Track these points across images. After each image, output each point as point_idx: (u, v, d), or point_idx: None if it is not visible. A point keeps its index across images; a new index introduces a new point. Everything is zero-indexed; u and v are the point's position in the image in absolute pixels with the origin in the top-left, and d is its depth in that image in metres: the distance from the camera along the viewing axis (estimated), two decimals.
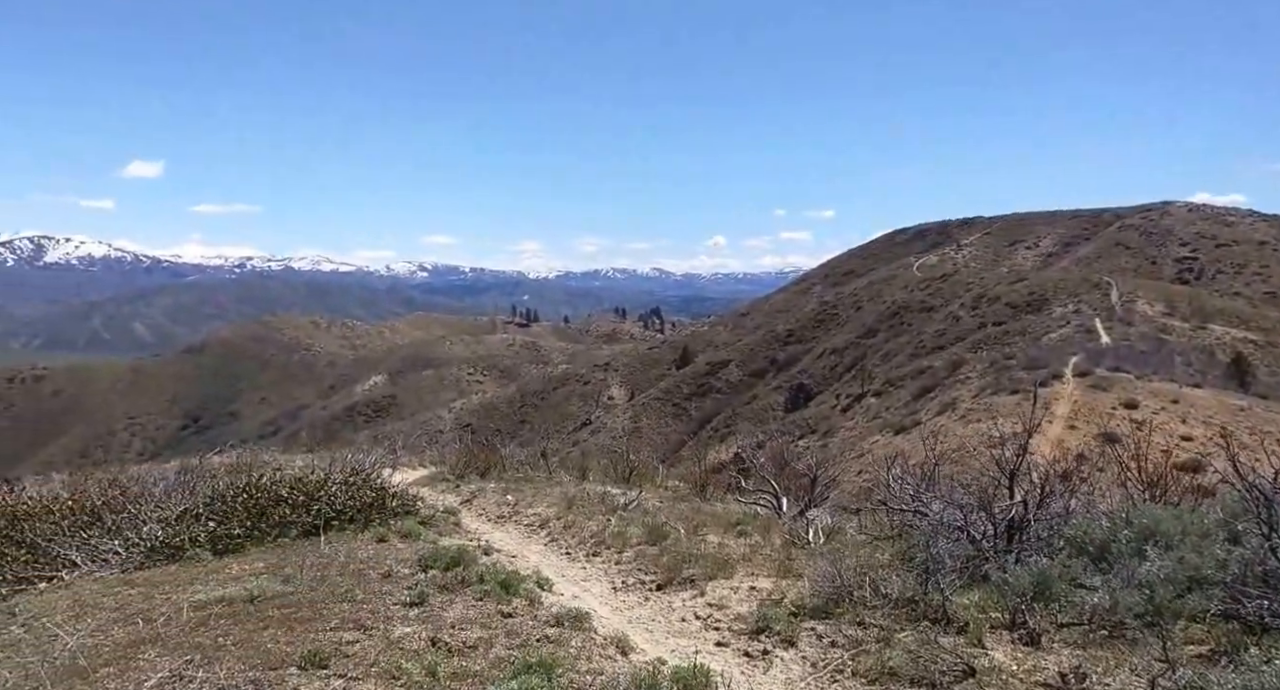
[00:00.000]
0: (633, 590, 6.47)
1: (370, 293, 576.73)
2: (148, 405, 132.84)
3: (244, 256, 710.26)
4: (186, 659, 4.20)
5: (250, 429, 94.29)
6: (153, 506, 9.34)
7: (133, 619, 5.46)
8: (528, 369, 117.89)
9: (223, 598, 5.71)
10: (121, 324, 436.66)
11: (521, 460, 16.01)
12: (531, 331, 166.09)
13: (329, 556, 7.05)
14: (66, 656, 4.61)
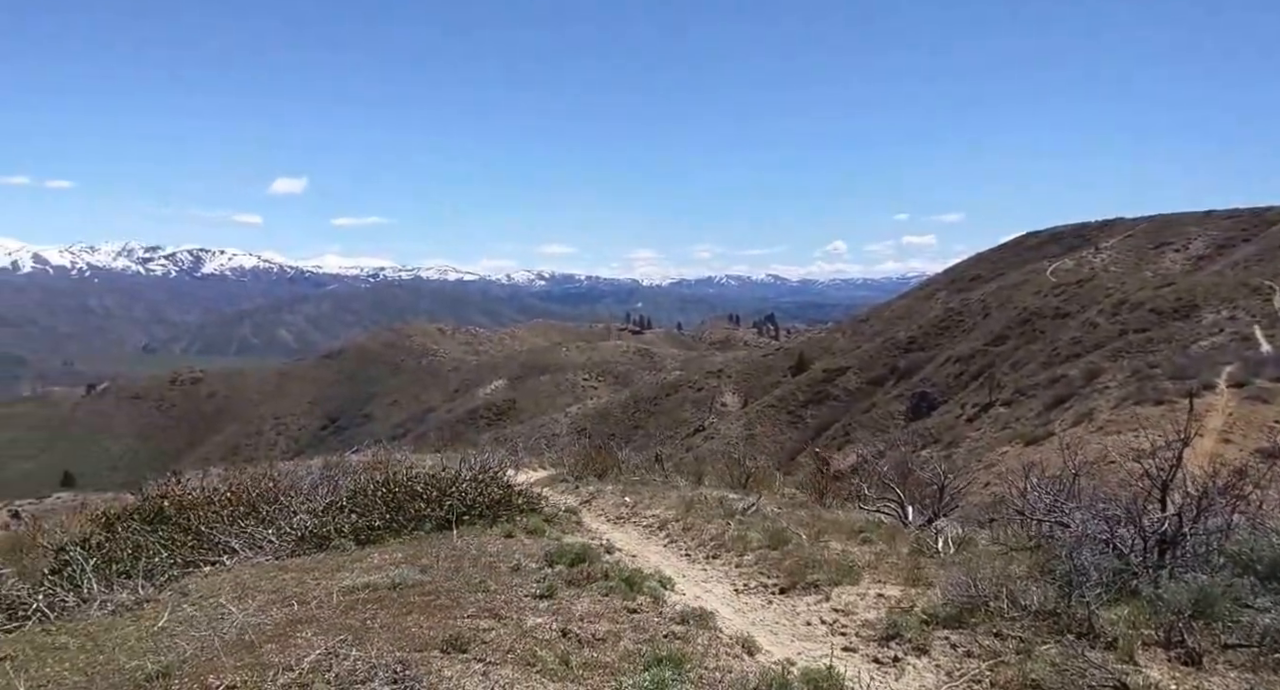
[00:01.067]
0: (755, 593, 6.47)
1: (492, 301, 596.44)
2: (291, 406, 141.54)
3: (378, 267, 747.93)
4: (340, 638, 4.51)
5: (382, 430, 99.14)
6: (301, 499, 9.98)
7: (289, 601, 5.88)
8: (641, 375, 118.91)
9: (368, 584, 6.08)
10: (268, 331, 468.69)
11: (637, 464, 16.21)
12: (645, 338, 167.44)
13: (461, 549, 7.37)
14: (234, 632, 5.02)
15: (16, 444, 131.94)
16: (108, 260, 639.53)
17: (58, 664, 4.90)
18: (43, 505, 61.59)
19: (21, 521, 54.29)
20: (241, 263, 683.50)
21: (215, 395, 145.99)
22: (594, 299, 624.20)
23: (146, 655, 4.74)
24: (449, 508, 8.94)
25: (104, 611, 6.42)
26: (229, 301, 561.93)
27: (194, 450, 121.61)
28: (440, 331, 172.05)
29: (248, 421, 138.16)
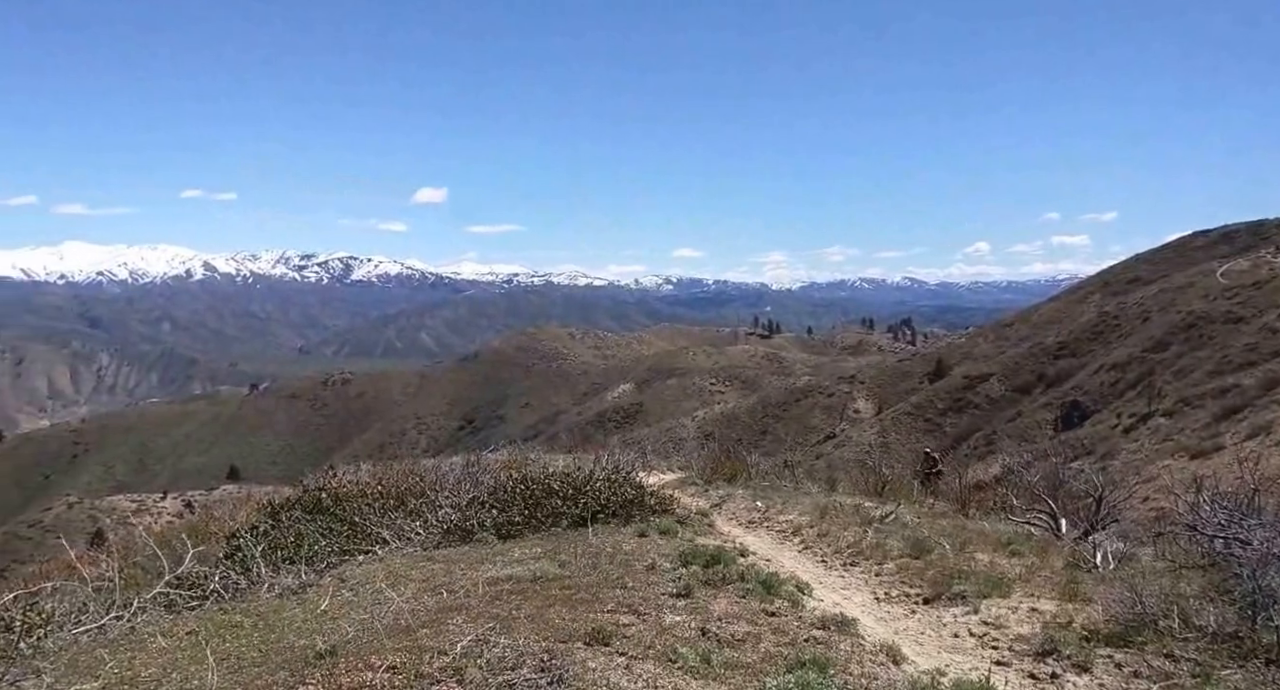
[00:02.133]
0: (897, 602, 6.30)
1: (620, 305, 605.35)
2: (431, 407, 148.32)
3: (512, 273, 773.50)
4: (489, 627, 4.71)
5: (515, 430, 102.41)
6: (446, 494, 10.47)
7: (438, 590, 6.18)
8: (769, 380, 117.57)
9: (511, 576, 6.32)
10: (411, 334, 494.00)
11: (766, 469, 16.07)
12: (773, 343, 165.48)
13: (597, 547, 7.53)
14: (391, 617, 5.33)
15: (190, 439, 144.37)
16: (268, 268, 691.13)
17: (235, 640, 5.35)
18: (211, 496, 67.33)
19: (194, 510, 59.25)
20: (387, 269, 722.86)
21: (363, 395, 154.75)
22: (721, 303, 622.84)
23: (313, 635, 5.10)
24: (584, 506, 9.16)
25: (272, 594, 6.93)
26: (375, 306, 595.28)
27: (344, 447, 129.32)
28: (570, 336, 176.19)
29: (392, 420, 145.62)
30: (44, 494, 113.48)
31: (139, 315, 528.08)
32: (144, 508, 76.12)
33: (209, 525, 12.94)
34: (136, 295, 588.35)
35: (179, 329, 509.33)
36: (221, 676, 4.31)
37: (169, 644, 5.35)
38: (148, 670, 4.72)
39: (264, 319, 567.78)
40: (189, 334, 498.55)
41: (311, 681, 3.95)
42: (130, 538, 26.37)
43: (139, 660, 4.97)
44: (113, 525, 64.16)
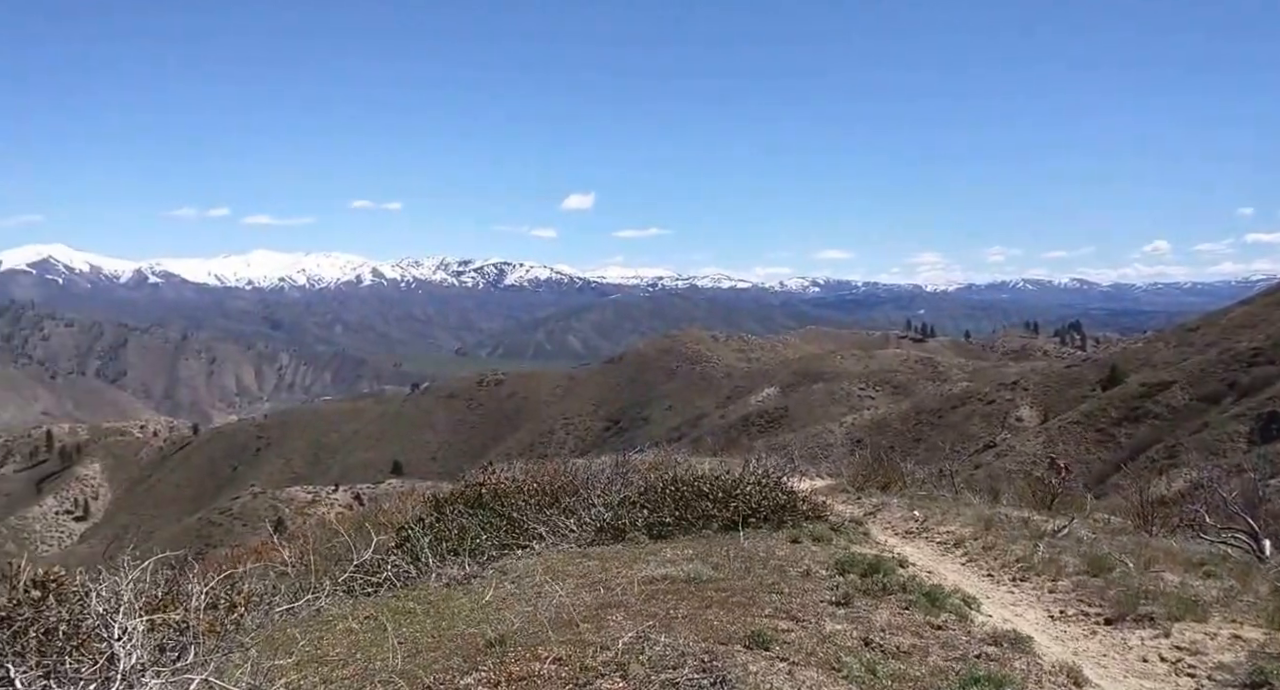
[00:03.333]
0: (1074, 622, 5.88)
1: (764, 308, 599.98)
2: (578, 408, 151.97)
3: (656, 276, 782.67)
4: (648, 624, 4.77)
5: (659, 433, 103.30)
6: (599, 493, 10.70)
7: (595, 586, 6.32)
8: (923, 386, 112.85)
9: (665, 576, 6.37)
10: (559, 337, 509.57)
11: (922, 478, 15.46)
12: (927, 347, 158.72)
13: (749, 551, 7.47)
14: (552, 610, 5.50)
15: (358, 435, 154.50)
16: (429, 273, 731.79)
17: (410, 625, 5.68)
18: (378, 489, 71.74)
19: (362, 502, 63.12)
20: (537, 274, 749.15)
21: (514, 396, 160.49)
22: (871, 306, 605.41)
23: (481, 624, 5.34)
24: (734, 509, 9.12)
25: (440, 583, 7.31)
26: (526, 310, 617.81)
27: (497, 445, 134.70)
28: (714, 339, 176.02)
29: (541, 420, 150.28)
30: (232, 484, 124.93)
31: (315, 318, 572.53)
32: (318, 499, 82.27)
33: (378, 517, 13.83)
34: (313, 300, 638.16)
35: (350, 331, 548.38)
36: (401, 658, 4.58)
37: (352, 626, 5.75)
38: (335, 650, 5.10)
39: (425, 322, 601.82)
40: (358, 336, 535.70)
41: (484, 668, 4.14)
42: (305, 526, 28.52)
43: (326, 640, 5.37)
44: (291, 514, 69.77)
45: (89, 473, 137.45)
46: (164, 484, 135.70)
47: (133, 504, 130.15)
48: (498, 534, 9.45)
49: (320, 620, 6.10)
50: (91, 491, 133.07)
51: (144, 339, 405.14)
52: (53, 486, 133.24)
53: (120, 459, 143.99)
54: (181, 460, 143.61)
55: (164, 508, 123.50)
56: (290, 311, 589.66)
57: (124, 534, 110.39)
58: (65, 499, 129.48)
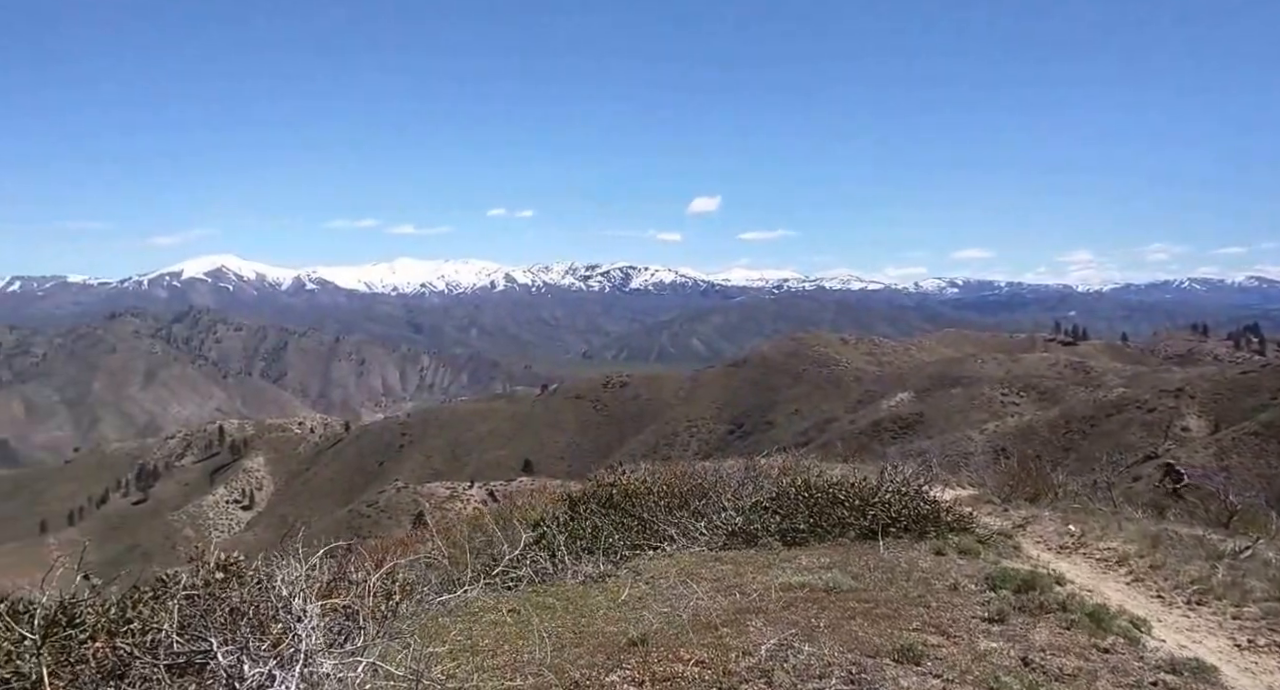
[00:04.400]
0: (1267, 652, 5.34)
1: (897, 309, 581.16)
2: (701, 411, 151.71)
3: (782, 278, 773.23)
4: (790, 632, 4.70)
5: (784, 437, 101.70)
6: (728, 496, 10.63)
7: (731, 590, 6.29)
8: (1073, 392, 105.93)
9: (803, 584, 6.26)
10: (683, 340, 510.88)
11: (1075, 490, 14.49)
12: (1078, 350, 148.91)
13: (889, 561, 7.24)
14: (690, 613, 5.50)
15: (492, 435, 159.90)
16: (558, 278, 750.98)
17: (551, 620, 5.82)
18: (510, 486, 74.07)
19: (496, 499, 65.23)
20: (662, 278, 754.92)
21: (638, 398, 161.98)
22: (1015, 307, 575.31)
23: (620, 623, 5.41)
24: (872, 518, 8.85)
25: (576, 580, 7.46)
26: (651, 313, 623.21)
27: (621, 446, 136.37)
28: (842, 341, 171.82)
29: (665, 422, 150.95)
30: (379, 478, 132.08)
31: (453, 322, 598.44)
32: (455, 494, 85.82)
33: (513, 513, 14.26)
34: (451, 304, 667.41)
35: (484, 334, 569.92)
36: (546, 652, 4.71)
37: (497, 618, 5.95)
38: (484, 640, 5.29)
39: (553, 325, 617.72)
40: (492, 338, 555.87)
41: (627, 667, 4.19)
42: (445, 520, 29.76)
43: (475, 631, 5.59)
44: (431, 509, 73.06)
45: (254, 465, 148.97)
46: (319, 477, 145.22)
47: (291, 495, 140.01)
48: (629, 534, 9.54)
49: (467, 611, 6.35)
50: (256, 483, 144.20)
51: (302, 342, 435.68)
52: (224, 477, 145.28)
53: (281, 453, 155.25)
54: (334, 455, 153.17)
55: (318, 499, 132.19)
56: (431, 316, 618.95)
57: (284, 523, 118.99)
58: (234, 489, 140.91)
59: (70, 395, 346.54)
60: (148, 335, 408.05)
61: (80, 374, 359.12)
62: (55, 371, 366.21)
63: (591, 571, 7.77)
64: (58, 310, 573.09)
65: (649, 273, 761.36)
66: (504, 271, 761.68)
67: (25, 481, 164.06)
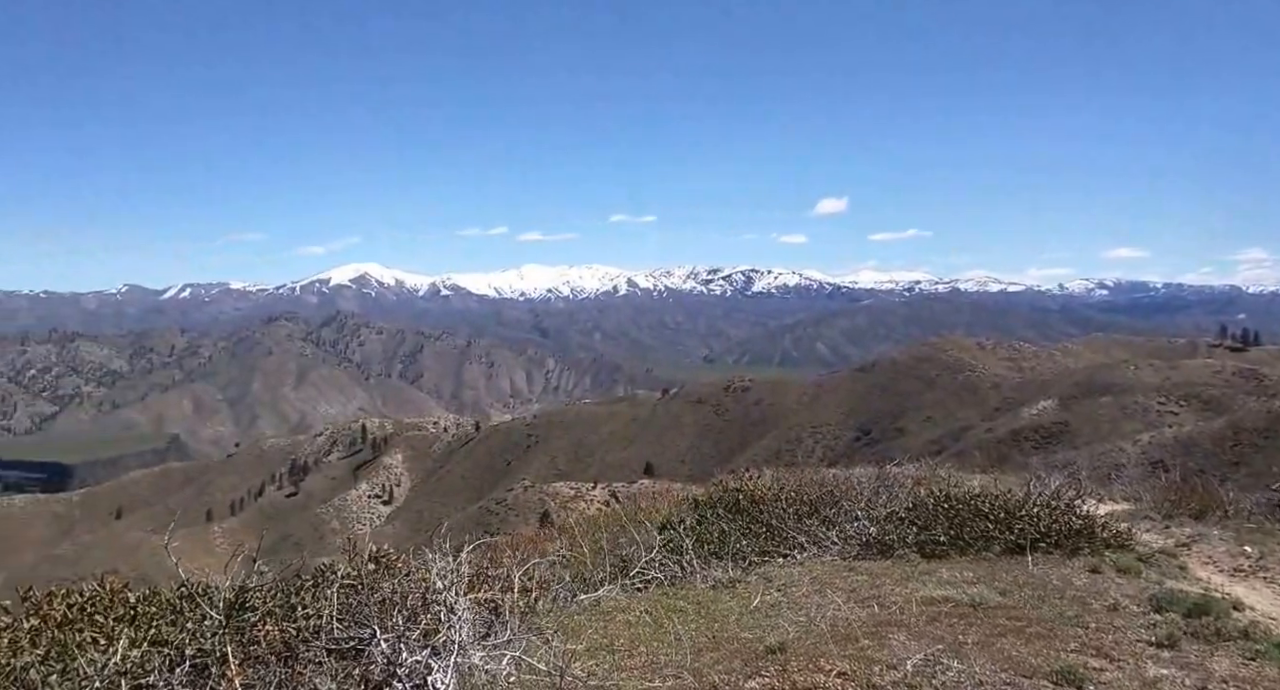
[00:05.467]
0: None
1: (1039, 313, 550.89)
2: (826, 417, 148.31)
3: (913, 280, 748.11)
4: (936, 648, 4.50)
5: (915, 445, 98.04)
6: (862, 505, 10.33)
7: (868, 602, 6.09)
8: (1243, 401, 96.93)
9: (946, 598, 5.99)
10: (807, 344, 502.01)
11: (1248, 507, 13.24)
12: (1249, 356, 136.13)
13: (1039, 578, 6.85)
14: (827, 623, 5.37)
15: (613, 436, 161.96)
16: (679, 282, 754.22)
17: (684, 623, 5.81)
18: (631, 488, 74.66)
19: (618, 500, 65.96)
20: (785, 281, 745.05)
21: (760, 403, 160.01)
22: (1174, 310, 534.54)
23: (755, 629, 5.34)
24: (1019, 532, 8.40)
25: (705, 584, 7.43)
26: (774, 316, 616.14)
27: (743, 451, 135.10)
28: (979, 346, 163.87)
29: (788, 428, 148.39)
30: (506, 477, 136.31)
31: (577, 326, 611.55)
32: (579, 495, 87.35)
33: (637, 515, 14.37)
34: (575, 309, 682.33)
35: (607, 338, 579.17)
36: (682, 655, 4.71)
37: (630, 618, 6.00)
38: (619, 640, 5.35)
39: (674, 329, 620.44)
40: (614, 343, 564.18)
41: (766, 674, 4.13)
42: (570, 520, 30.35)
43: (610, 630, 5.65)
44: (556, 508, 74.77)
45: (393, 462, 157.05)
46: (451, 475, 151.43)
47: (427, 491, 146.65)
48: (757, 540, 9.44)
49: (599, 610, 6.43)
50: (395, 479, 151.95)
51: (437, 345, 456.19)
52: (365, 473, 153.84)
53: (418, 451, 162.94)
54: (466, 454, 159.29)
55: (451, 496, 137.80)
56: (556, 320, 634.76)
57: (420, 518, 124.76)
58: (375, 484, 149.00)
59: (232, 394, 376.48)
60: (299, 338, 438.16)
61: (241, 374, 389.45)
62: (219, 372, 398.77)
63: (721, 576, 7.73)
64: (222, 315, 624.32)
65: (772, 276, 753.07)
66: (626, 276, 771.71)
67: (194, 474, 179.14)
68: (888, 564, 8.08)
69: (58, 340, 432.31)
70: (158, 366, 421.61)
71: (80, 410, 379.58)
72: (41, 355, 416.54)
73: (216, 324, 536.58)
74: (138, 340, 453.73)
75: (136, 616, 4.56)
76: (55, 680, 3.49)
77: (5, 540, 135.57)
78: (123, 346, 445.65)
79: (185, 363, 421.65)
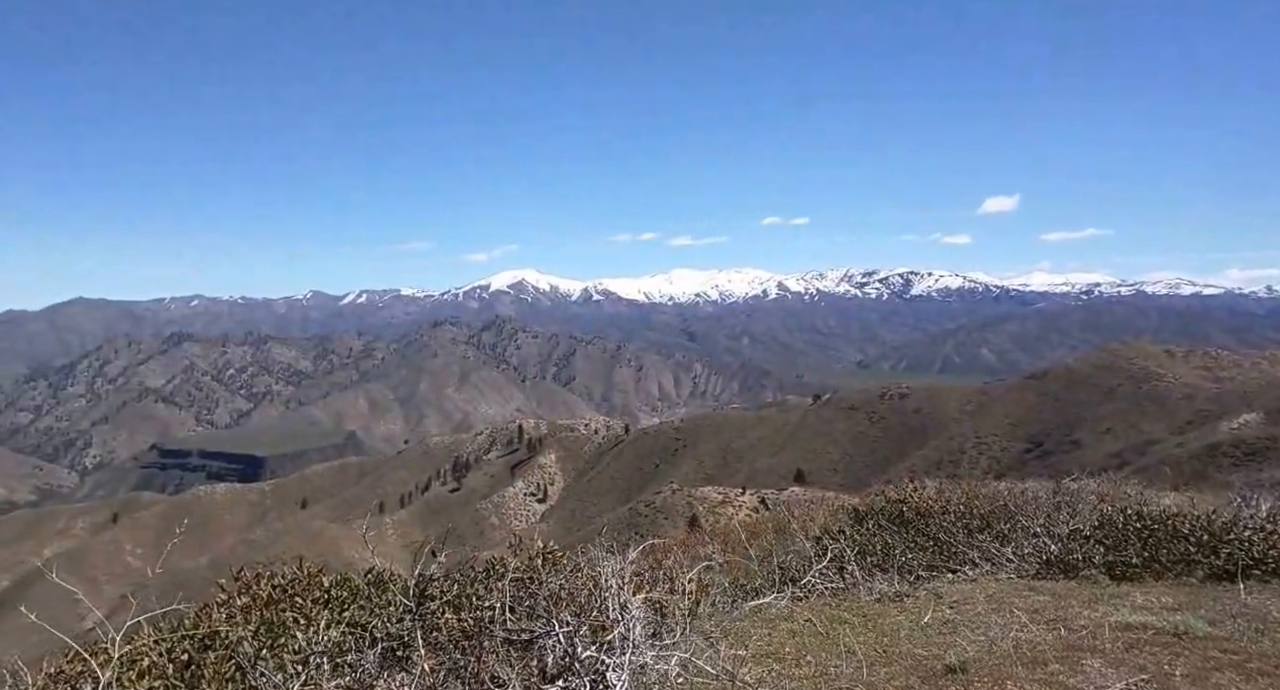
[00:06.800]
0: None
1: (1241, 317, 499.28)
2: (992, 427, 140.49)
3: (1091, 282, 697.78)
4: (1139, 678, 4.13)
5: (1092, 459, 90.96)
6: (1041, 521, 9.67)
7: (1053, 624, 5.67)
8: None
9: (1144, 624, 5.49)
10: (971, 350, 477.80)
11: None
12: None
13: (1255, 609, 6.15)
14: (1010, 644, 5.02)
15: (761, 442, 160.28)
16: (831, 286, 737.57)
17: (851, 635, 5.62)
18: (781, 495, 73.64)
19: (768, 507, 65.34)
20: (947, 283, 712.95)
21: (919, 411, 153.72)
22: None
23: (931, 646, 5.08)
24: (1228, 556, 7.59)
25: (870, 597, 7.17)
26: (934, 321, 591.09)
27: (900, 461, 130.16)
28: (1168, 354, 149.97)
29: (949, 438, 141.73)
30: (655, 479, 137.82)
31: (725, 330, 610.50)
32: (727, 500, 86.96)
33: (791, 523, 14.09)
34: (724, 313, 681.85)
35: (756, 343, 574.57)
36: (853, 668, 4.55)
37: (794, 627, 5.87)
38: (785, 648, 5.24)
39: (826, 334, 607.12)
40: (763, 347, 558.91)
41: None
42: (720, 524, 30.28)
43: (774, 637, 5.55)
44: (704, 512, 74.80)
45: (547, 462, 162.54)
46: (602, 476, 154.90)
47: (579, 491, 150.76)
48: (924, 554, 9.06)
49: (762, 617, 6.34)
50: (549, 478, 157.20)
51: (588, 349, 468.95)
52: (522, 472, 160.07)
53: (570, 451, 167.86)
54: (615, 456, 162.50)
55: (601, 497, 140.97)
56: (704, 324, 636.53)
57: (573, 517, 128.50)
58: (530, 483, 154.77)
59: (402, 393, 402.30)
60: (462, 342, 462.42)
61: (409, 375, 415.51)
62: (390, 373, 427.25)
63: (886, 589, 7.46)
64: (394, 319, 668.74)
65: (932, 278, 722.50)
66: (776, 280, 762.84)
67: (368, 468, 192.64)
68: (1071, 584, 7.54)
69: (253, 342, 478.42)
70: (337, 367, 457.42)
71: (271, 407, 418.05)
72: (239, 356, 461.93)
73: (389, 328, 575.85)
74: (320, 343, 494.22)
75: (330, 599, 4.91)
76: (266, 654, 3.81)
77: (210, 525, 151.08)
78: (307, 348, 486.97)
79: (361, 364, 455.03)
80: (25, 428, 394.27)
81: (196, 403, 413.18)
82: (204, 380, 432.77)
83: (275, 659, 3.78)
